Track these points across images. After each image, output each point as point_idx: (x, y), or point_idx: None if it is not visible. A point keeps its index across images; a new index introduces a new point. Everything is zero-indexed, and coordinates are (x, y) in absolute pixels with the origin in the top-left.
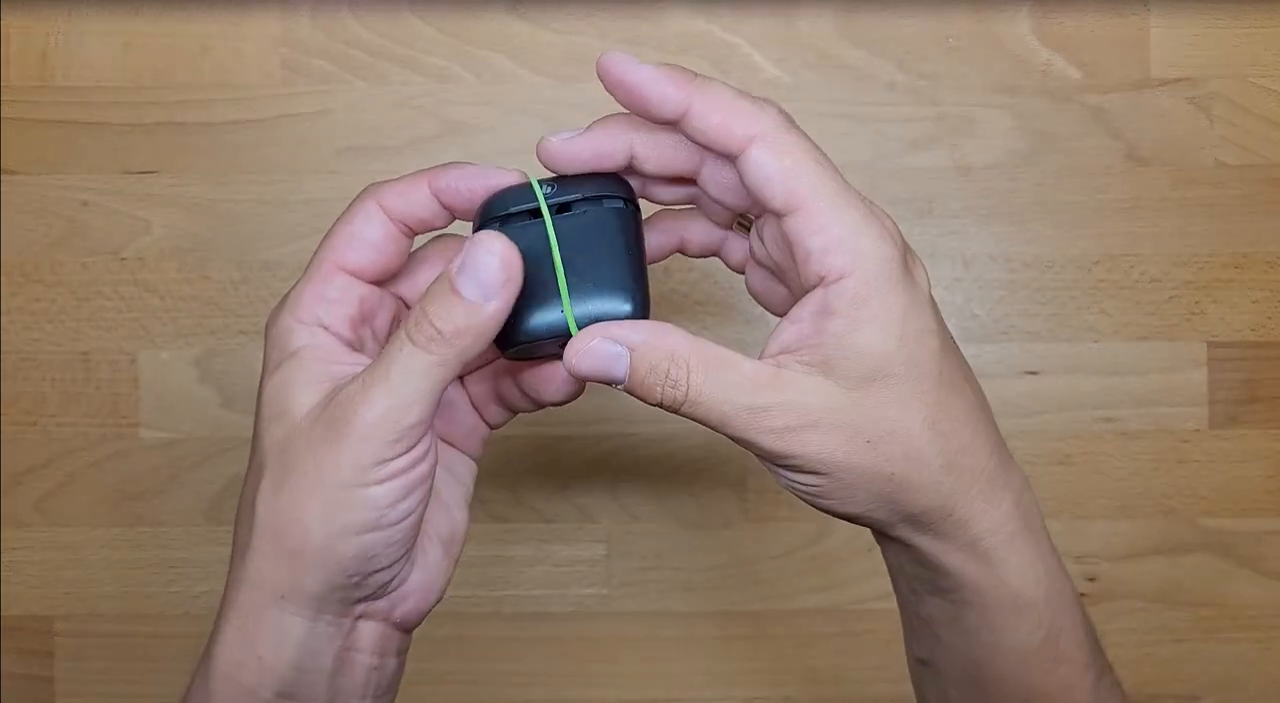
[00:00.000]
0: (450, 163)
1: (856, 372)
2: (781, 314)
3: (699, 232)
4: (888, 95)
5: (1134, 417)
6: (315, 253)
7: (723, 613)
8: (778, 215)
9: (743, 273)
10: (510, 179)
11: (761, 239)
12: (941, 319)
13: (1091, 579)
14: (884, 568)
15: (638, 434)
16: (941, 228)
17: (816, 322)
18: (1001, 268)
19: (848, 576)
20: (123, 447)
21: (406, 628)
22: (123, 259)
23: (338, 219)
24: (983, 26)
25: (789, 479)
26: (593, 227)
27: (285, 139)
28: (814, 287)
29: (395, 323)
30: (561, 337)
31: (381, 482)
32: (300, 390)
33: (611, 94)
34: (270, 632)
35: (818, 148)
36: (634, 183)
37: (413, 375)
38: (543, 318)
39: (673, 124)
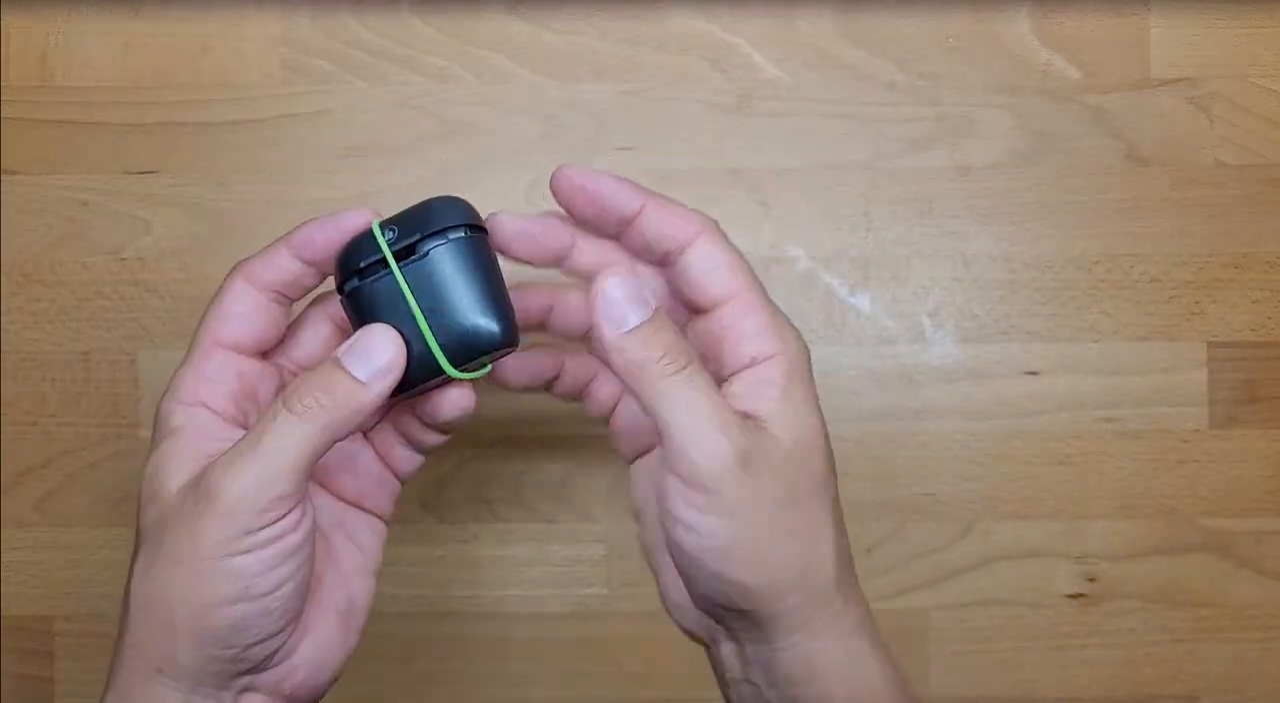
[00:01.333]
0: (304, 222)
1: (792, 438)
2: (631, 459)
3: (575, 365)
4: (888, 95)
5: (1134, 417)
6: (193, 335)
7: None
8: (710, 306)
9: (607, 415)
10: (361, 219)
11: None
12: (826, 429)
13: (1091, 580)
14: (883, 569)
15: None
16: (941, 228)
17: (754, 397)
18: (1001, 268)
19: None
20: (123, 447)
21: (301, 702)
22: (123, 259)
23: (210, 300)
24: (983, 26)
25: (691, 524)
26: (444, 262)
27: (285, 139)
28: (742, 369)
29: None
30: (441, 378)
31: (248, 551)
32: (173, 470)
33: (566, 203)
34: None
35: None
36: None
37: (286, 443)
38: (419, 365)
39: (624, 224)
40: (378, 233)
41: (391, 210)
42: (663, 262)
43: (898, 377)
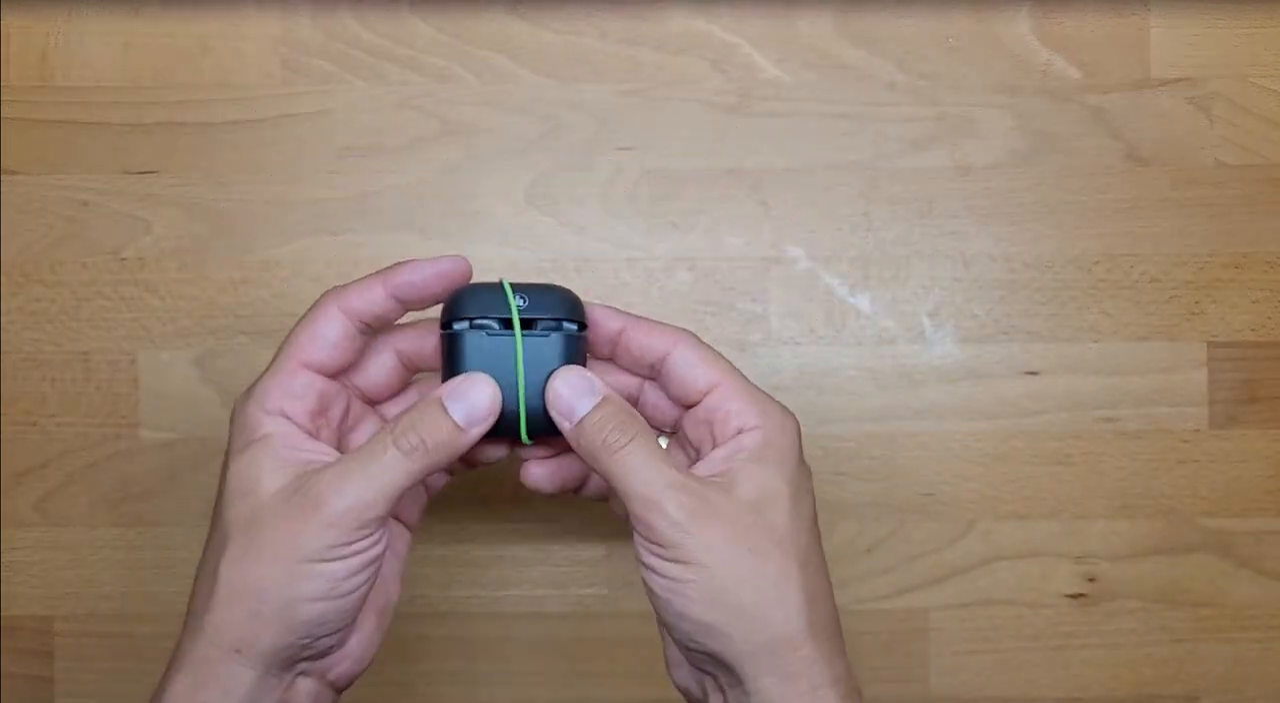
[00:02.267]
0: (399, 263)
1: (758, 492)
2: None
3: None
4: (888, 95)
5: (1134, 417)
6: (281, 348)
7: None
8: (698, 397)
9: (605, 501)
10: (458, 267)
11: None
12: (814, 503)
13: (1091, 579)
14: (883, 569)
15: None
16: (941, 228)
17: (727, 459)
18: (1001, 268)
19: (847, 576)
20: (122, 447)
21: (339, 688)
22: (123, 259)
23: (301, 318)
24: (983, 26)
25: (661, 571)
26: (551, 345)
27: (285, 139)
28: (727, 440)
29: (348, 413)
30: (510, 438)
31: (341, 558)
32: (268, 472)
33: None
34: (221, 681)
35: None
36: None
37: (388, 475)
38: (500, 423)
39: (611, 343)
40: (510, 295)
41: (391, 210)
42: (651, 373)
43: (898, 377)
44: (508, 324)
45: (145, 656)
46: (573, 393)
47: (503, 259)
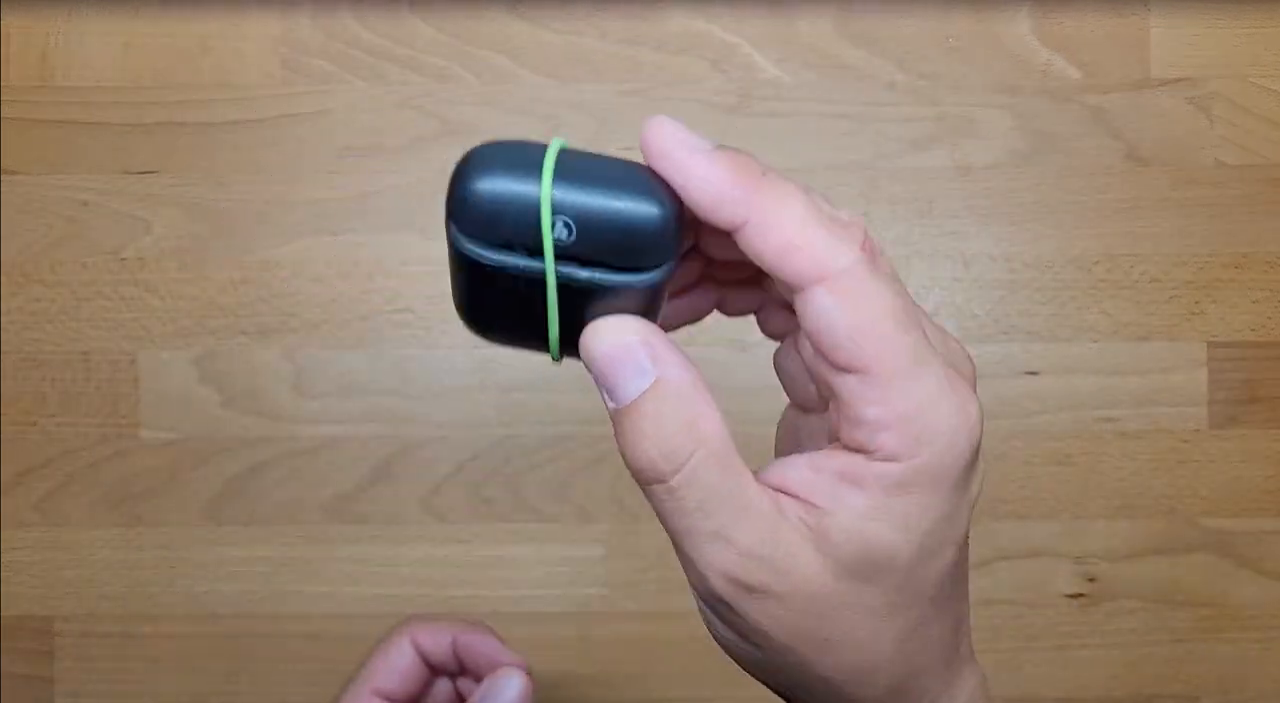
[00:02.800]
0: (479, 626)
1: (852, 563)
2: (796, 403)
3: (740, 293)
4: (888, 95)
5: (1134, 417)
6: (356, 674)
7: None
8: (833, 368)
9: (777, 340)
10: (519, 679)
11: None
12: (970, 522)
13: (1091, 579)
14: None
15: None
16: (941, 228)
17: (836, 487)
18: (1001, 268)
19: None
20: (122, 447)
21: None
22: (123, 259)
23: (378, 646)
24: (983, 26)
25: (715, 628)
26: (604, 292)
27: (285, 139)
28: (851, 449)
29: None
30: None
31: None
32: None
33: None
34: None
35: (901, 293)
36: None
37: None
38: (526, 338)
39: (724, 235)
40: (546, 225)
41: (391, 210)
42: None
43: None
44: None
45: (145, 656)
46: (613, 366)
47: None
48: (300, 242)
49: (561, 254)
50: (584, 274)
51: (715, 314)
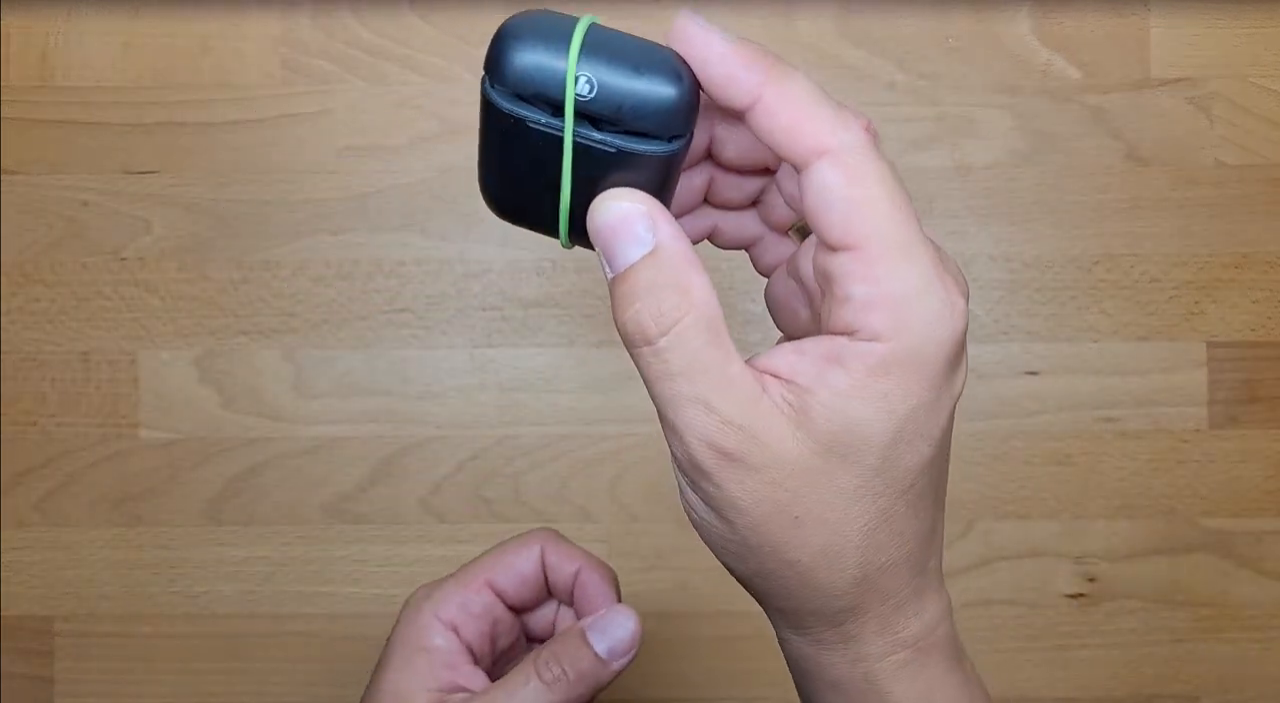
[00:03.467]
0: (607, 568)
1: (829, 440)
2: (791, 334)
3: (736, 223)
4: (888, 95)
5: (1134, 417)
6: (473, 561)
7: (723, 613)
8: (829, 248)
9: (768, 276)
10: (632, 617)
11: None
12: (951, 425)
13: (1091, 579)
14: None
15: (638, 434)
16: (941, 228)
17: (820, 367)
18: (1001, 268)
19: None
20: (122, 447)
21: None
22: (123, 259)
23: (505, 542)
24: (983, 26)
25: (691, 504)
26: (618, 164)
27: (285, 139)
28: (837, 333)
29: (514, 647)
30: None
31: None
32: (419, 693)
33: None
34: None
35: (898, 181)
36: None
37: None
38: (539, 215)
39: (735, 113)
40: (570, 81)
41: (391, 210)
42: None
43: None
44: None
45: (145, 656)
46: (614, 234)
47: (503, 259)
48: (300, 242)
49: (582, 112)
50: (599, 136)
51: None
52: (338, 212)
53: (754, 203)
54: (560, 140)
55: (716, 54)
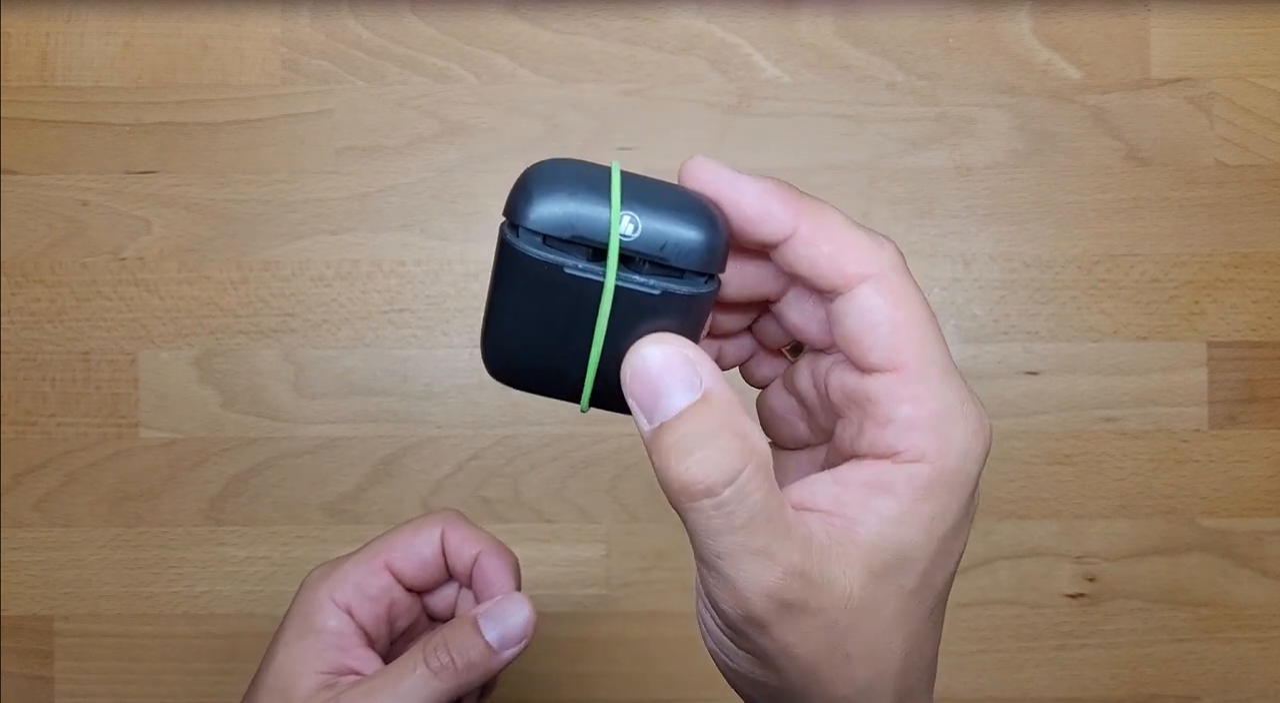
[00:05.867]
0: (508, 553)
1: (879, 570)
2: (785, 446)
3: (733, 348)
4: (888, 95)
5: (1134, 417)
6: (373, 541)
7: None
8: (864, 370)
9: (760, 388)
10: (527, 611)
11: (812, 372)
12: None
13: (1091, 579)
14: None
15: (638, 434)
16: (941, 228)
17: (864, 495)
18: (1001, 268)
19: None
20: (123, 447)
21: None
22: (123, 259)
23: (406, 523)
24: (983, 26)
25: (729, 656)
26: (656, 305)
27: (285, 139)
28: (877, 457)
29: (414, 627)
30: (566, 400)
31: None
32: (309, 673)
33: None
34: None
35: (927, 301)
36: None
37: (415, 694)
38: (556, 376)
39: (766, 248)
40: (616, 211)
41: (391, 210)
42: (821, 296)
43: None
44: (601, 252)
45: (145, 656)
46: (660, 380)
47: None
48: (300, 242)
49: (624, 254)
50: (640, 277)
51: None
52: (337, 211)
53: (747, 328)
54: (596, 286)
55: (751, 191)
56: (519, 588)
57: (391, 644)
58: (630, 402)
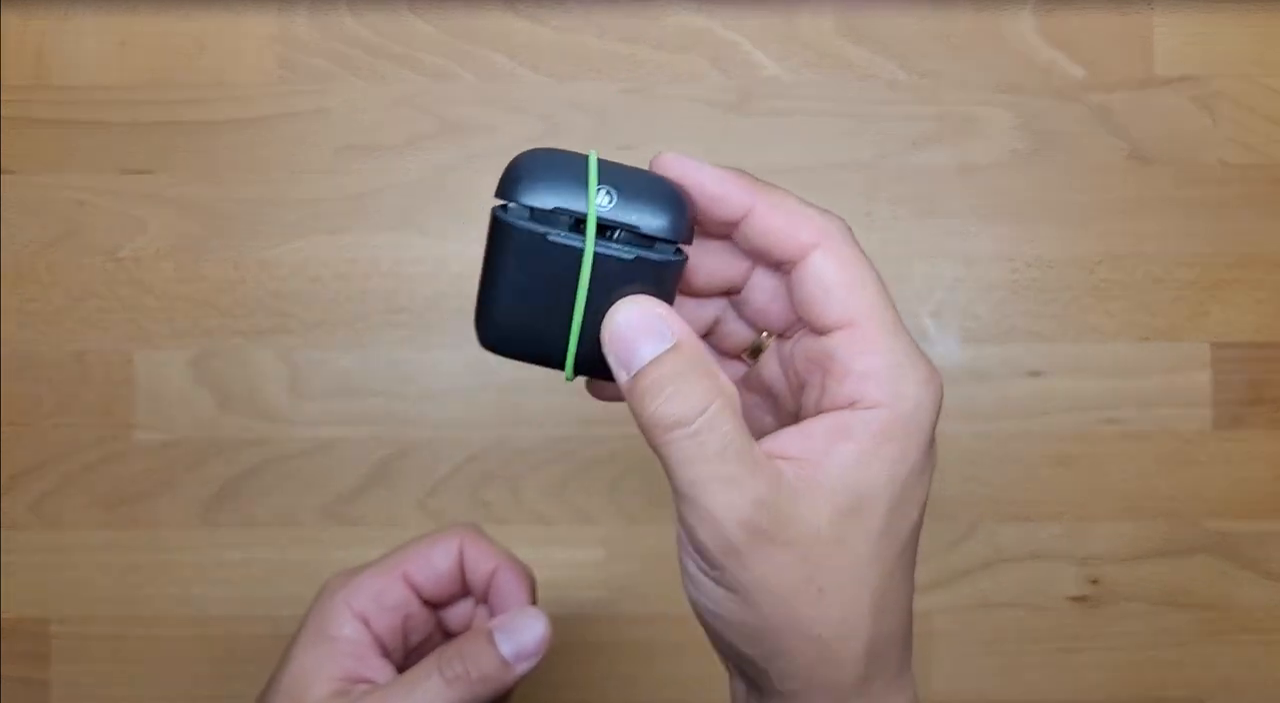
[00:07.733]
0: (524, 569)
1: (845, 507)
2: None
3: (701, 311)
4: (889, 94)
5: (1138, 418)
6: (391, 552)
7: None
8: (821, 331)
9: (732, 357)
10: (540, 625)
11: (779, 356)
12: (927, 497)
13: (1094, 581)
14: None
15: (637, 435)
16: (944, 227)
17: (827, 441)
18: (1004, 268)
19: None
20: (118, 448)
21: None
22: (119, 259)
23: (425, 536)
24: (985, 24)
25: (704, 592)
26: (631, 271)
27: (282, 138)
28: (839, 408)
29: (428, 641)
30: (553, 367)
31: None
32: (321, 680)
33: None
34: None
35: (875, 269)
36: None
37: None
38: (542, 345)
39: (728, 227)
40: (593, 183)
41: (388, 210)
42: (779, 270)
43: None
44: (581, 224)
45: (141, 658)
46: (635, 333)
47: None
48: (297, 241)
49: (601, 223)
50: (616, 244)
51: None
52: (335, 211)
53: (706, 334)
54: (577, 252)
55: (710, 176)
56: (534, 604)
57: (406, 658)
58: (610, 358)
